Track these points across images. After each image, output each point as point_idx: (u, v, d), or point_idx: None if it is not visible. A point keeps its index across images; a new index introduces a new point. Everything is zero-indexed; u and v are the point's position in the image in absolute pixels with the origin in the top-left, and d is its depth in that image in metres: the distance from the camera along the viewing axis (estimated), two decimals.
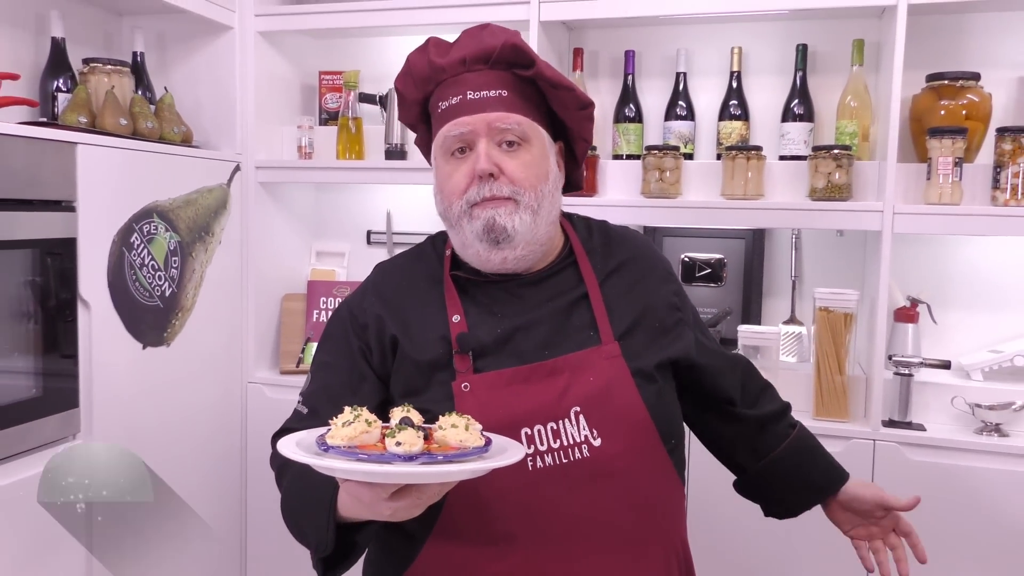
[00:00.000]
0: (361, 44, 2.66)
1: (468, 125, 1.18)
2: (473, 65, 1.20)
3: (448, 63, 1.20)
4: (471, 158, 1.18)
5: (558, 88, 1.22)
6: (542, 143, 1.22)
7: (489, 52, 1.19)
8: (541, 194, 1.20)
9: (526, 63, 1.20)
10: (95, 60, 2.11)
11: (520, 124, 1.19)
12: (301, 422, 1.22)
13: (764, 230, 2.36)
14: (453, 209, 1.20)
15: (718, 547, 2.05)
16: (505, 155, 1.18)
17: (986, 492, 1.93)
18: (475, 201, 1.18)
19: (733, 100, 2.28)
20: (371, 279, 1.33)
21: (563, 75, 1.24)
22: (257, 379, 2.47)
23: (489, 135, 1.18)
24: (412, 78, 1.25)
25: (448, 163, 1.21)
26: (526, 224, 1.18)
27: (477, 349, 1.19)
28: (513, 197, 1.17)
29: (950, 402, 2.05)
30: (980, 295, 2.22)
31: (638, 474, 1.18)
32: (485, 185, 1.17)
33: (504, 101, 1.19)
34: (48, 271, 1.81)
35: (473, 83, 1.19)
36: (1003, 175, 1.95)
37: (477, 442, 0.97)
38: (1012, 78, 2.15)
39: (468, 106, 1.18)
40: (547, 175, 1.22)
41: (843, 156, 2.06)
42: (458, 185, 1.19)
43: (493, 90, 1.19)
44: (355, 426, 0.95)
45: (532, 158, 1.20)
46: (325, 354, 1.29)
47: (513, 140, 1.19)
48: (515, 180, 1.18)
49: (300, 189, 2.67)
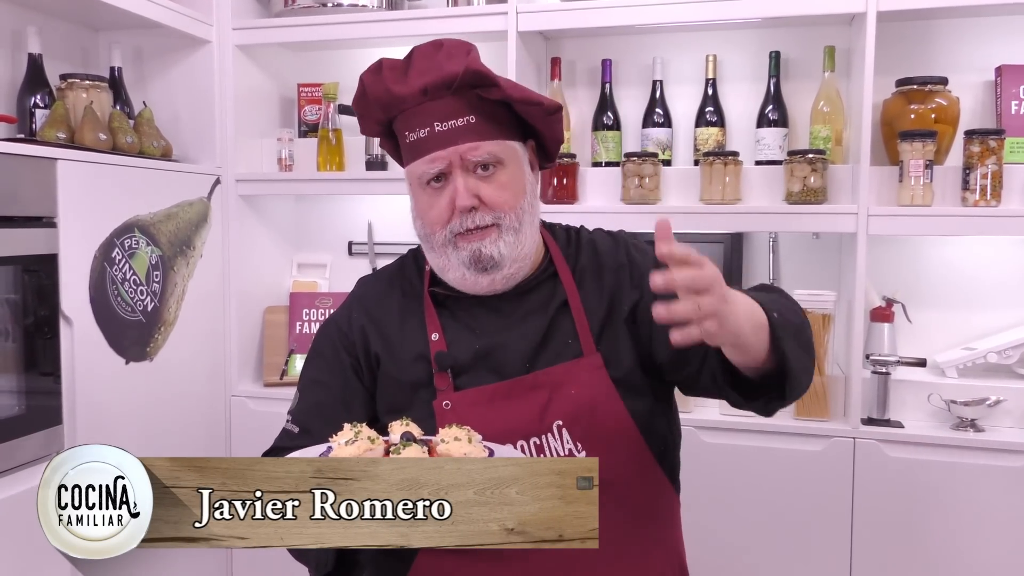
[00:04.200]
0: (339, 56, 2.67)
1: (442, 160, 1.17)
2: (435, 94, 1.17)
3: (409, 93, 1.17)
4: (448, 189, 1.18)
5: (525, 104, 1.20)
6: (516, 159, 1.21)
7: (450, 79, 1.16)
8: (521, 211, 1.20)
9: (489, 84, 1.18)
10: (73, 76, 2.10)
11: (491, 150, 1.18)
12: (293, 441, 1.22)
13: (742, 234, 2.39)
14: (436, 237, 1.20)
15: (714, 554, 2.08)
16: (481, 181, 1.18)
17: (964, 487, 1.97)
18: (459, 231, 1.18)
19: (709, 107, 2.32)
20: (355, 293, 1.33)
21: (525, 88, 1.22)
22: (240, 392, 2.46)
23: (463, 165, 1.17)
24: (369, 102, 1.22)
25: (425, 192, 1.20)
26: (510, 246, 1.19)
27: (455, 367, 1.19)
28: (496, 223, 1.18)
29: (926, 399, 2.09)
30: (953, 294, 2.26)
31: (628, 484, 1.19)
32: (467, 217, 1.17)
33: (473, 128, 1.17)
34: (29, 288, 1.79)
35: (438, 113, 1.17)
36: (972, 176, 2.00)
37: (481, 454, 0.98)
38: (978, 82, 2.20)
39: (437, 139, 1.17)
40: (524, 189, 1.21)
41: (817, 160, 2.10)
42: (440, 216, 1.19)
43: (460, 118, 1.17)
44: (360, 444, 0.96)
45: (508, 178, 1.19)
46: (314, 371, 1.29)
47: (487, 163, 1.18)
48: (495, 206, 1.18)
49: (281, 201, 2.67)
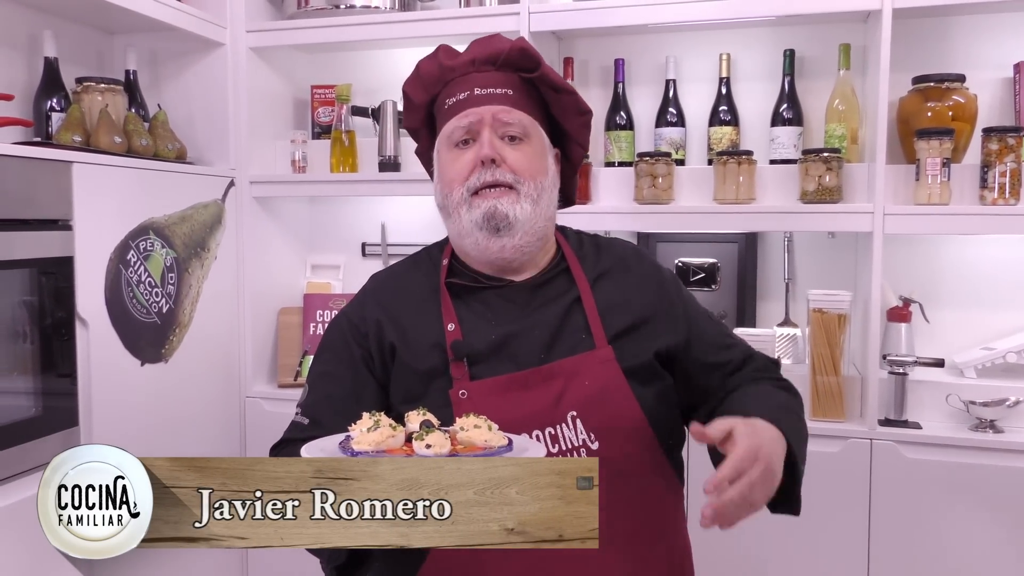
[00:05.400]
0: (352, 58, 2.68)
1: (474, 115, 1.22)
2: (481, 66, 1.25)
3: (457, 63, 1.26)
4: (475, 147, 1.23)
5: (560, 92, 1.27)
6: (542, 142, 1.27)
7: (497, 54, 1.25)
8: (541, 186, 1.24)
9: (531, 66, 1.25)
10: (88, 79, 2.12)
11: (522, 121, 1.24)
12: (303, 433, 1.22)
13: (757, 233, 2.38)
14: (453, 196, 1.23)
15: (718, 549, 2.06)
16: (507, 146, 1.23)
17: (983, 488, 1.94)
18: (476, 187, 1.22)
19: (723, 106, 2.30)
20: (367, 287, 1.34)
21: (565, 80, 1.28)
22: (255, 393, 2.48)
23: (493, 126, 1.22)
24: (421, 81, 1.29)
25: (451, 152, 1.25)
26: (526, 213, 1.22)
27: (472, 356, 1.20)
28: (514, 185, 1.22)
29: (945, 400, 2.07)
30: (971, 293, 2.24)
31: (638, 477, 1.19)
32: (487, 171, 1.21)
33: (509, 98, 1.24)
34: (45, 290, 1.81)
35: (480, 81, 1.25)
36: (990, 174, 1.98)
37: (501, 441, 0.98)
38: (996, 79, 2.17)
39: (474, 100, 1.23)
40: (546, 171, 1.26)
41: (833, 159, 2.08)
42: (461, 172, 1.23)
43: (499, 88, 1.24)
44: (381, 431, 0.96)
45: (533, 152, 1.25)
46: (325, 364, 1.29)
47: (515, 135, 1.23)
48: (516, 169, 1.22)
49: (294, 203, 2.68)
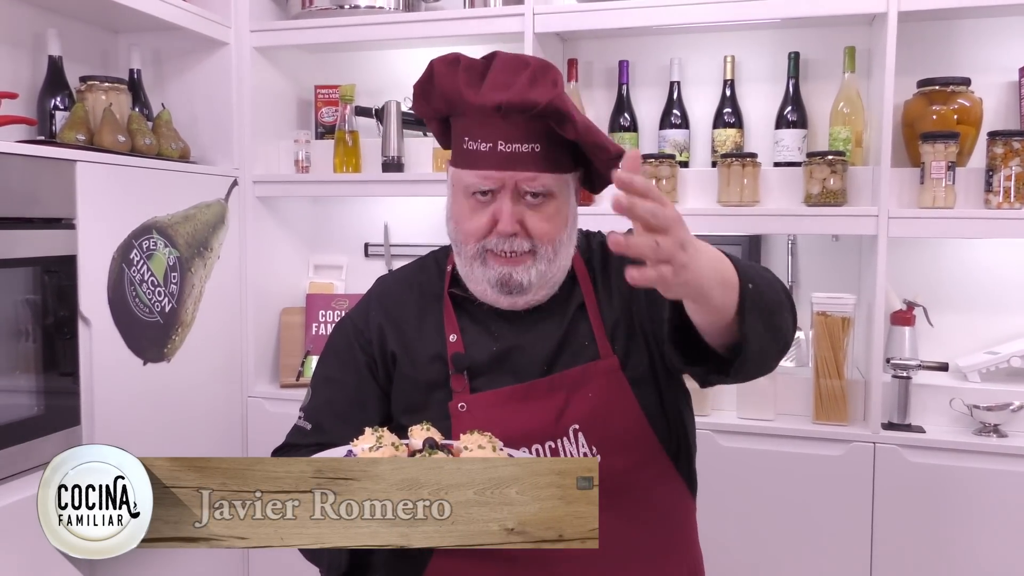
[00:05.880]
0: (356, 58, 2.67)
1: (496, 182, 1.14)
2: (508, 113, 1.12)
3: (481, 104, 1.13)
4: (492, 206, 1.15)
5: (594, 148, 1.17)
6: (566, 192, 1.19)
7: (530, 107, 1.11)
8: (559, 243, 1.18)
9: (565, 122, 1.12)
10: (92, 78, 2.12)
11: (547, 185, 1.15)
12: (305, 438, 1.22)
13: (760, 236, 2.37)
14: (468, 248, 1.18)
15: (731, 559, 2.06)
16: (528, 209, 1.15)
17: (986, 493, 1.93)
18: (491, 249, 1.16)
19: (727, 108, 2.30)
20: (373, 291, 1.33)
21: (598, 132, 1.17)
22: (257, 393, 2.47)
23: (515, 190, 1.14)
24: (436, 92, 1.18)
25: (468, 201, 1.17)
26: (541, 274, 1.17)
27: (472, 369, 1.19)
28: (532, 251, 1.16)
29: (948, 404, 2.06)
30: (975, 297, 2.23)
31: (644, 489, 1.18)
32: (505, 240, 1.15)
33: (536, 158, 1.13)
34: (48, 289, 1.81)
35: (505, 133, 1.12)
36: (995, 178, 1.97)
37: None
38: (1002, 82, 2.17)
39: (498, 159, 1.13)
40: (567, 222, 1.19)
41: (837, 162, 2.07)
42: (477, 230, 1.16)
43: (526, 144, 1.13)
44: (384, 450, 0.95)
45: (555, 211, 1.17)
46: (328, 369, 1.28)
47: (538, 193, 1.15)
48: (536, 236, 1.15)
49: (297, 203, 2.68)
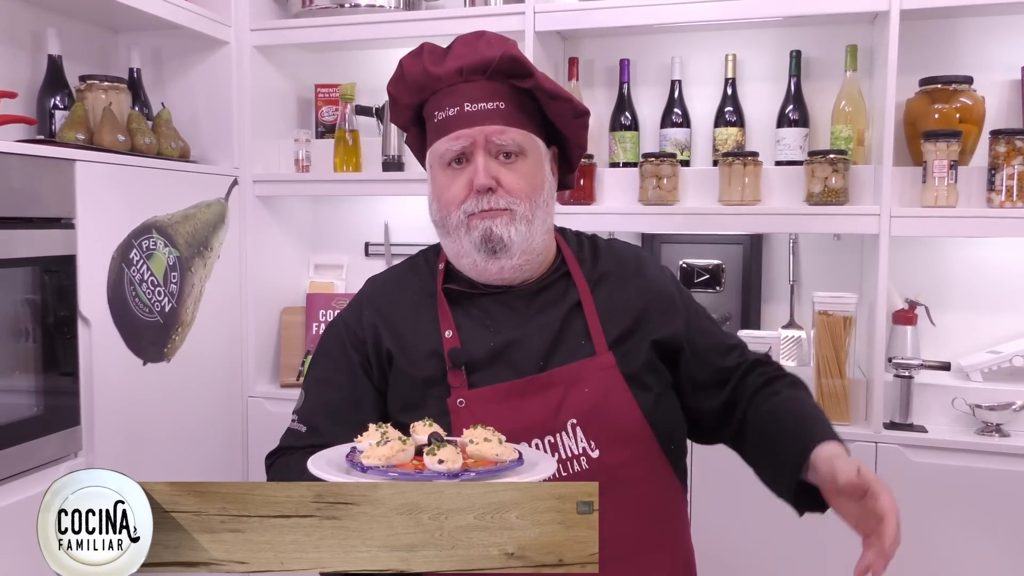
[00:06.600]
0: (357, 57, 2.66)
1: (467, 139, 1.19)
2: (470, 76, 1.20)
3: (444, 72, 1.20)
4: (468, 170, 1.20)
5: (555, 99, 1.23)
6: (538, 154, 1.24)
7: (487, 63, 1.19)
8: (535, 204, 1.21)
9: (524, 74, 1.21)
10: (92, 77, 2.11)
11: (516, 139, 1.20)
12: (300, 440, 1.22)
13: (762, 235, 2.37)
14: (451, 219, 1.21)
15: (728, 558, 2.06)
16: (502, 167, 1.20)
17: (988, 492, 1.93)
18: (472, 212, 1.19)
19: (728, 107, 2.29)
20: (364, 291, 1.33)
21: (559, 85, 1.25)
22: (257, 393, 2.47)
23: (487, 148, 1.19)
24: (406, 84, 1.24)
25: (445, 173, 1.22)
26: (521, 234, 1.20)
27: (470, 364, 1.19)
28: (509, 208, 1.19)
29: (951, 403, 2.05)
30: (978, 296, 2.22)
31: (640, 483, 1.19)
32: (483, 198, 1.19)
33: (501, 114, 1.19)
34: (48, 289, 1.81)
35: (470, 95, 1.19)
36: (998, 177, 1.96)
37: (512, 455, 0.97)
38: (1004, 81, 2.16)
39: (466, 119, 1.19)
40: (542, 185, 1.23)
41: (839, 160, 2.07)
42: (456, 196, 1.21)
43: (490, 102, 1.19)
44: (391, 445, 0.95)
45: (528, 169, 1.21)
46: (321, 370, 1.29)
47: (510, 152, 1.20)
48: (511, 192, 1.20)
49: (298, 202, 2.68)
